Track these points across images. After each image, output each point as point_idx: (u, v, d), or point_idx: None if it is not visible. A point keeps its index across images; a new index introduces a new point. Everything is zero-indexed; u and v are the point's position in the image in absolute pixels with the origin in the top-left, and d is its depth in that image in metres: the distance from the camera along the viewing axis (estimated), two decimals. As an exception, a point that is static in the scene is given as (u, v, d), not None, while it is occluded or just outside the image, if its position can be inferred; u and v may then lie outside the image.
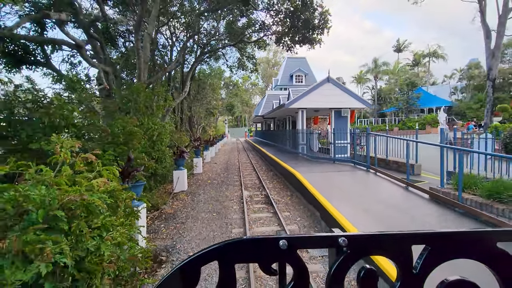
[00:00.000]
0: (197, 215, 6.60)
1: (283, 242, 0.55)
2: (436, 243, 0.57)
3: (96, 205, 2.31)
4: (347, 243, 0.55)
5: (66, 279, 1.96)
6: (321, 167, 10.01)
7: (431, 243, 0.57)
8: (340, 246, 0.55)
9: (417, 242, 0.57)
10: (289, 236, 0.56)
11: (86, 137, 5.11)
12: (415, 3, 23.28)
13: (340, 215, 4.72)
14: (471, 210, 4.66)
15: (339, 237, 0.56)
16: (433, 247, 0.57)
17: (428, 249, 0.57)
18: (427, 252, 0.57)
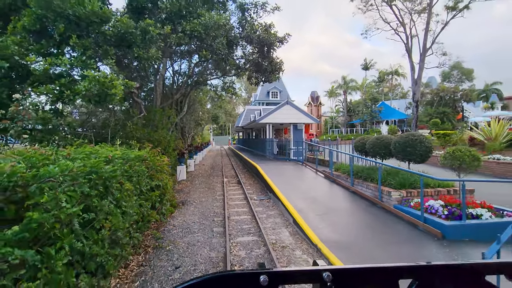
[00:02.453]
0: (196, 189, 11.10)
1: (264, 278, 0.52)
2: (424, 277, 0.56)
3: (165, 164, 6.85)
4: (332, 278, 0.53)
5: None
6: (275, 163, 14.81)
7: (418, 276, 0.56)
8: (325, 282, 0.53)
9: (404, 276, 0.56)
10: (270, 271, 0.54)
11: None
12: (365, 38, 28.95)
13: (274, 186, 9.36)
14: (336, 180, 9.52)
15: (324, 272, 0.54)
16: (421, 281, 0.55)
17: (416, 283, 0.56)
18: (415, 286, 0.55)
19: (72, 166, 2.85)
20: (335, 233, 5.11)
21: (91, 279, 3.06)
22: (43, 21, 6.74)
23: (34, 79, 6.28)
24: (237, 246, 5.12)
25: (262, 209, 7.77)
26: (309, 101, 59.05)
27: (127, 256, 4.28)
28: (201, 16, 9.27)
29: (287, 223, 6.43)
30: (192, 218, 7.12)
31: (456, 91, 47.07)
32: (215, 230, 6.07)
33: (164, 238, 5.64)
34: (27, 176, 2.33)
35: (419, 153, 6.83)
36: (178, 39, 9.17)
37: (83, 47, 6.76)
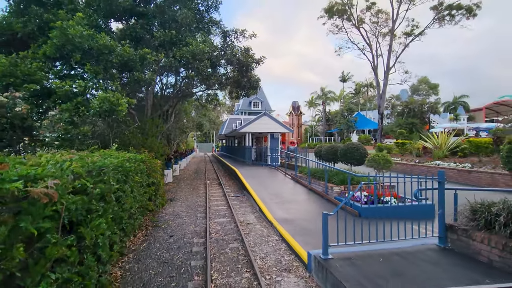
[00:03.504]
0: (182, 190, 12.82)
1: None
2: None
3: (157, 165, 8.65)
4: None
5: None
6: (252, 168, 16.79)
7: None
8: None
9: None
10: None
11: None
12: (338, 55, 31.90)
13: (248, 185, 11.29)
14: (299, 180, 11.59)
15: None
16: None
17: None
18: None
19: (111, 162, 4.67)
20: (286, 215, 7.10)
21: (120, 234, 4.85)
22: (62, 50, 8.46)
23: (56, 98, 7.97)
24: (215, 224, 7.00)
25: (237, 202, 9.67)
26: (291, 110, 61.78)
27: (136, 228, 6.06)
28: (189, 44, 11.21)
29: (254, 211, 8.38)
30: (180, 209, 8.91)
31: (424, 104, 51.25)
32: (199, 216, 7.92)
33: (159, 221, 7.42)
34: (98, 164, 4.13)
35: (356, 158, 9.02)
36: (169, 63, 11.06)
37: (95, 72, 8.52)
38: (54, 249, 2.56)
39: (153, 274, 4.37)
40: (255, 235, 6.13)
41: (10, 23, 9.54)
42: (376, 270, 3.70)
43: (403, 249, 4.47)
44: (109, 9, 10.20)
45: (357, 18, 26.69)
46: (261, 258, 4.86)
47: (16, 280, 2.14)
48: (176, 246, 5.60)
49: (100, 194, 3.87)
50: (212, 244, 5.60)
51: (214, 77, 14.91)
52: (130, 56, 9.24)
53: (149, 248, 5.48)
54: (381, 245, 4.65)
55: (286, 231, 5.92)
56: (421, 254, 4.25)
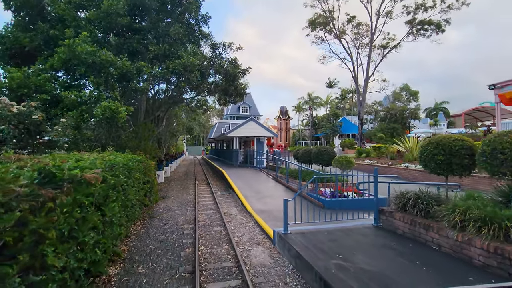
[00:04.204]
0: (173, 189, 13.97)
1: None
2: None
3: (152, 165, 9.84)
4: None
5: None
6: (239, 169, 18.08)
7: None
8: None
9: None
10: None
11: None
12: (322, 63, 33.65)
13: (234, 184, 12.57)
14: (279, 180, 12.96)
15: None
16: None
17: None
18: None
19: (120, 161, 5.90)
20: (264, 207, 8.43)
21: (125, 219, 6.06)
22: (68, 64, 9.59)
23: (63, 106, 9.08)
24: (202, 215, 8.26)
25: (222, 199, 10.94)
26: (279, 114, 63.46)
27: (135, 217, 7.26)
28: (181, 57, 12.47)
29: (237, 205, 9.67)
30: (172, 204, 10.11)
31: (404, 110, 53.88)
32: (189, 209, 9.15)
33: (154, 214, 8.62)
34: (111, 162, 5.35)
35: (326, 159, 10.48)
36: (163, 74, 12.29)
37: (97, 83, 9.68)
38: (91, 217, 3.81)
39: (153, 248, 5.61)
40: (235, 222, 7.43)
41: (17, 37, 10.59)
42: (319, 239, 5.07)
43: (346, 227, 5.87)
44: (109, 26, 11.37)
45: (338, 30, 28.53)
46: (238, 236, 6.17)
47: (73, 232, 3.37)
48: (170, 230, 6.84)
49: (113, 184, 5.10)
50: (200, 228, 6.87)
51: (204, 85, 16.20)
52: (128, 69, 10.43)
53: (147, 232, 6.70)
54: (330, 225, 6.04)
55: (261, 218, 7.24)
56: (357, 230, 5.66)
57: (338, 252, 4.41)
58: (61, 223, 3.01)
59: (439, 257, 4.18)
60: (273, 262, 4.81)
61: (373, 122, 58.23)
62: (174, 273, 4.46)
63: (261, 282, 4.10)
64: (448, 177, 5.40)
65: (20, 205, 2.38)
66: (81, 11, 12.86)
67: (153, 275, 4.38)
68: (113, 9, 10.99)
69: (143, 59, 12.26)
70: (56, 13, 11.04)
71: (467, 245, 4.06)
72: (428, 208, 5.01)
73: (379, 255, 4.35)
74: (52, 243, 2.77)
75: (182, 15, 14.60)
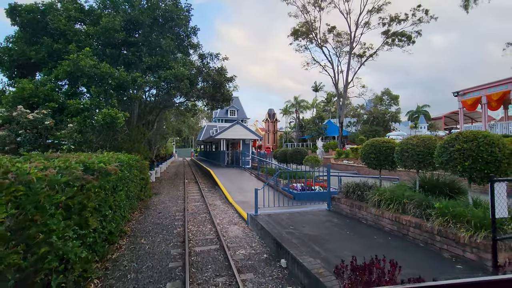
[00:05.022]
0: (164, 187, 15.30)
1: None
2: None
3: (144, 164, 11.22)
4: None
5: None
6: (225, 169, 19.56)
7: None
8: None
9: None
10: None
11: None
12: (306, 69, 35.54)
13: (219, 182, 14.03)
14: (260, 178, 14.52)
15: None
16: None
17: None
18: None
19: (124, 159, 7.31)
20: (243, 199, 9.94)
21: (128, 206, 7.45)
22: (71, 75, 10.87)
23: (68, 112, 10.36)
24: (191, 206, 9.71)
25: (209, 194, 12.40)
26: (267, 117, 65.21)
27: (134, 207, 8.65)
28: (172, 68, 13.88)
29: (221, 198, 11.16)
30: (164, 198, 11.50)
31: (385, 113, 56.60)
32: (179, 202, 10.58)
33: (149, 206, 10.00)
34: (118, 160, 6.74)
35: (299, 159, 12.11)
36: (155, 83, 13.67)
37: (97, 92, 11.00)
38: (109, 198, 5.24)
39: (151, 228, 7.04)
40: (218, 210, 8.93)
41: (24, 50, 11.78)
42: (281, 218, 6.63)
43: (304, 211, 7.47)
44: (107, 40, 12.68)
45: (320, 39, 30.47)
46: (219, 219, 7.67)
47: (99, 207, 4.78)
48: (163, 216, 8.27)
49: (121, 177, 6.52)
50: (189, 215, 8.33)
51: (193, 92, 17.62)
52: (125, 79, 11.78)
53: (145, 218, 8.11)
54: (293, 209, 7.62)
55: (240, 207, 8.76)
56: (312, 212, 7.26)
57: (292, 225, 5.98)
58: (93, 199, 4.45)
59: (363, 227, 5.82)
60: (245, 235, 6.34)
61: (357, 125, 60.71)
62: (169, 242, 5.93)
63: (234, 246, 5.61)
64: (391, 170, 7.08)
65: (75, 183, 3.83)
66: (80, 25, 14.13)
67: (152, 244, 5.83)
68: (110, 25, 12.32)
69: (137, 69, 13.62)
70: (58, 28, 12.26)
71: (380, 217, 5.72)
72: (362, 194, 6.66)
73: (321, 226, 5.95)
74: (90, 211, 4.22)
75: (172, 28, 16.01)
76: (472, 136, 4.59)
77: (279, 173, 12.82)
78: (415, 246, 4.65)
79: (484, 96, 22.07)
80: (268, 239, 5.58)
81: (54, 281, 3.06)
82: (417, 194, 5.55)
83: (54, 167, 3.52)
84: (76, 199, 3.79)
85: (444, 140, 5.05)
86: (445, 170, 5.07)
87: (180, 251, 5.41)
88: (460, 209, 4.43)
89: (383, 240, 4.97)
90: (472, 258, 3.95)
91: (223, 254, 5.19)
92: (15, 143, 8.17)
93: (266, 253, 5.27)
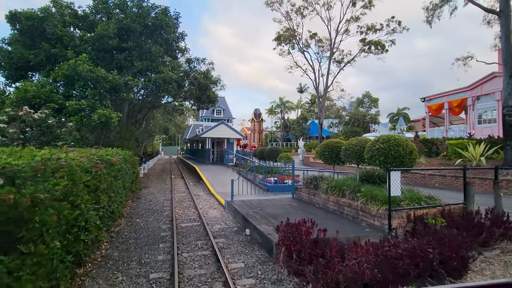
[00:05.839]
0: (152, 182, 16.55)
1: None
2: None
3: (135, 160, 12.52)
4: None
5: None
6: (210, 166, 20.97)
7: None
8: None
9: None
10: None
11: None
12: (290, 72, 37.30)
13: (204, 177, 15.45)
14: (240, 173, 16.05)
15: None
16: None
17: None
18: None
19: (123, 153, 8.64)
20: (224, 190, 11.42)
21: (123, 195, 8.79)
22: (69, 78, 12.01)
23: (66, 112, 11.52)
24: (178, 196, 11.11)
25: (194, 187, 13.81)
26: (252, 117, 66.69)
27: (128, 197, 9.97)
28: (161, 72, 15.17)
29: (205, 190, 12.61)
30: (153, 191, 12.83)
31: (366, 115, 59.38)
32: (167, 193, 11.95)
33: (140, 196, 11.32)
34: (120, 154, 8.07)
35: (274, 156, 13.72)
36: (145, 85, 14.92)
37: (93, 94, 12.18)
38: (113, 184, 6.62)
39: (144, 212, 8.42)
40: (201, 199, 10.40)
41: (22, 54, 12.78)
42: (252, 203, 8.18)
43: (272, 198, 9.05)
44: (101, 46, 13.82)
45: (302, 44, 32.29)
46: (202, 205, 9.14)
47: (106, 190, 6.15)
48: (153, 204, 9.65)
49: (119, 169, 7.87)
50: (175, 203, 9.74)
51: (180, 93, 18.93)
52: (118, 82, 13.00)
53: (138, 205, 9.47)
54: (263, 197, 9.19)
55: (220, 197, 10.24)
56: (278, 199, 8.85)
57: (259, 207, 7.54)
58: (103, 183, 5.83)
59: (314, 208, 7.45)
60: (221, 216, 7.86)
61: (338, 126, 63.26)
62: (160, 221, 7.36)
63: (212, 223, 7.11)
64: (341, 166, 8.75)
65: (92, 170, 5.22)
66: (74, 29, 15.17)
67: (146, 222, 7.25)
68: (104, 32, 13.49)
69: (129, 72, 14.82)
70: (55, 33, 13.31)
71: (327, 200, 7.36)
72: (317, 184, 8.30)
73: (281, 208, 7.54)
74: (101, 191, 5.61)
75: (162, 34, 17.25)
76: (386, 139, 6.30)
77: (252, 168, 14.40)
78: (345, 219, 6.30)
79: (446, 102, 24.48)
80: (239, 217, 7.12)
81: (83, 234, 4.47)
82: (354, 182, 7.23)
83: (81, 157, 4.91)
84: (92, 181, 5.18)
85: (371, 142, 6.75)
86: (370, 164, 6.77)
87: (169, 226, 6.86)
88: (376, 192, 6.11)
89: (325, 215, 6.60)
90: (377, 224, 5.63)
91: (203, 228, 6.68)
92: (22, 139, 9.31)
93: (237, 227, 6.80)
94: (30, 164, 3.13)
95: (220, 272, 4.31)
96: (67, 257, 3.81)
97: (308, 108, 74.35)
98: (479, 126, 21.40)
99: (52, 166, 3.67)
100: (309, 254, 4.20)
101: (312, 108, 73.61)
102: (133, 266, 4.56)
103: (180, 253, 5.04)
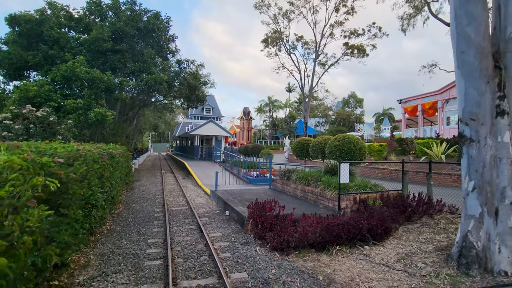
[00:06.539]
0: (143, 176, 17.62)
1: None
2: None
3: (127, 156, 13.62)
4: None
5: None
6: (198, 162, 22.16)
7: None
8: None
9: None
10: None
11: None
12: (277, 73, 38.63)
13: (192, 171, 16.65)
14: (227, 169, 17.33)
15: None
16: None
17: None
18: None
19: (121, 149, 9.78)
20: (209, 182, 12.68)
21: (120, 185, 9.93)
22: (66, 78, 12.96)
23: (65, 110, 12.49)
24: (168, 187, 12.31)
25: (183, 181, 15.00)
26: (242, 115, 67.88)
27: (123, 188, 11.12)
28: (152, 73, 16.23)
29: (193, 182, 13.84)
30: (145, 183, 13.96)
31: (351, 115, 61.52)
32: (158, 185, 13.12)
33: (133, 187, 12.45)
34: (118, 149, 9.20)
35: (256, 152, 15.06)
36: (138, 86, 15.96)
37: (89, 94, 13.18)
38: (115, 173, 7.80)
39: (138, 199, 9.61)
40: (189, 189, 11.65)
41: (21, 55, 13.62)
42: (233, 191, 9.49)
43: (251, 188, 10.38)
44: (96, 48, 14.77)
45: (289, 45, 33.71)
46: (190, 195, 10.40)
47: (109, 178, 7.32)
48: (147, 193, 10.83)
49: (117, 161, 9.02)
50: (166, 192, 10.96)
51: (170, 93, 20.00)
52: (112, 83, 14.02)
53: (132, 195, 10.63)
54: (244, 187, 10.51)
55: (206, 188, 11.52)
56: (256, 189, 10.20)
57: (238, 195, 8.86)
58: (106, 171, 7.01)
59: (285, 196, 8.83)
60: (206, 202, 9.15)
61: (325, 124, 65.23)
62: (153, 205, 8.59)
63: (197, 207, 8.39)
64: (311, 160, 10.15)
65: (99, 160, 6.41)
66: (69, 31, 16.04)
67: (141, 207, 8.46)
68: (99, 35, 14.46)
69: (122, 73, 15.83)
70: (52, 35, 14.19)
71: (296, 189, 8.75)
72: (290, 175, 9.68)
73: (257, 195, 8.87)
74: (105, 178, 6.80)
75: (153, 37, 18.26)
76: (341, 138, 7.73)
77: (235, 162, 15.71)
78: (308, 203, 7.70)
79: (419, 104, 26.36)
80: (221, 202, 8.42)
81: (94, 211, 5.67)
82: (320, 174, 8.65)
83: (94, 149, 6.10)
84: (99, 169, 6.37)
85: (331, 140, 8.16)
86: (329, 158, 8.19)
87: (161, 209, 8.10)
88: (332, 180, 7.53)
89: (292, 200, 7.98)
90: (331, 206, 7.04)
91: (190, 211, 7.96)
92: (26, 134, 10.30)
93: (219, 210, 8.11)
94: (64, 152, 4.34)
95: (202, 238, 5.61)
96: (85, 225, 5.03)
97: (296, 107, 76.13)
98: (448, 127, 23.31)
99: (74, 155, 4.88)
100: (270, 224, 5.55)
101: (300, 107, 75.40)
102: (133, 235, 5.80)
103: (171, 227, 6.31)
